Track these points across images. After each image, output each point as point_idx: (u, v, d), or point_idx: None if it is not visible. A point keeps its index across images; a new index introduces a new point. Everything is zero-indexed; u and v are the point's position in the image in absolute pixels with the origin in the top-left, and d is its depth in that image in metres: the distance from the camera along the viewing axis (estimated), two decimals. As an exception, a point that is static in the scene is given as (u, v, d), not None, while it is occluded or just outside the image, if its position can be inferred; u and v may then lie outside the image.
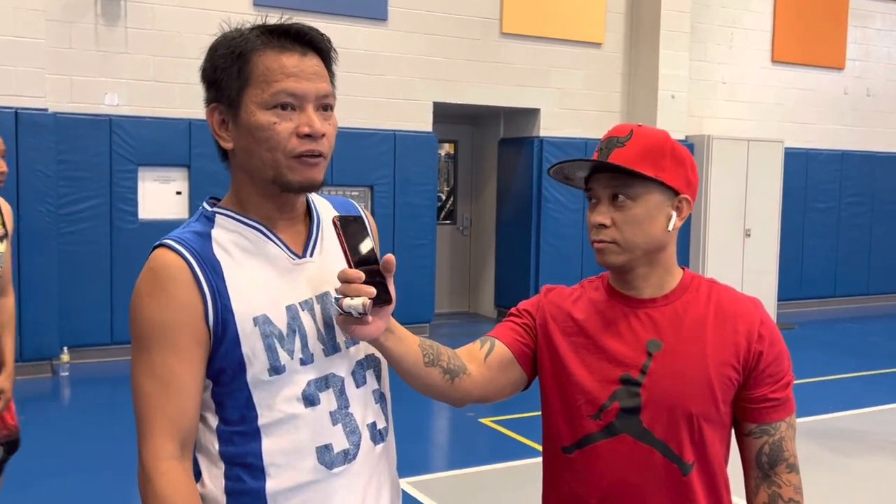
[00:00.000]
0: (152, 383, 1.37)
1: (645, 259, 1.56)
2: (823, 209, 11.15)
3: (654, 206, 1.53)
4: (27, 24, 6.77)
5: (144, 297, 1.38)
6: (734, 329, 1.55)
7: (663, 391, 1.52)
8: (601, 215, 1.54)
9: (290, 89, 1.38)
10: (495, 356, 1.63)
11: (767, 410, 1.56)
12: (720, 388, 1.52)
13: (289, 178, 1.40)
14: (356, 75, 8.25)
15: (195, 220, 1.48)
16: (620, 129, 1.57)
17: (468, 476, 4.95)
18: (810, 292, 11.19)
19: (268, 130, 1.38)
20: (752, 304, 1.59)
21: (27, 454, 5.22)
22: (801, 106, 11.03)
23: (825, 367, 7.88)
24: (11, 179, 6.69)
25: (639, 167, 1.51)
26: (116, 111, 7.27)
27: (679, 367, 1.52)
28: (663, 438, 1.52)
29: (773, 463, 1.57)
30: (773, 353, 1.55)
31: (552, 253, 9.36)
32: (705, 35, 10.25)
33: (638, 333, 1.56)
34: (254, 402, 1.40)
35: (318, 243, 1.51)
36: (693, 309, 1.57)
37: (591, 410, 1.56)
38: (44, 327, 6.82)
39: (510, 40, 9.12)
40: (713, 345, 1.54)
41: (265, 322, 1.39)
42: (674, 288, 1.59)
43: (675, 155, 1.55)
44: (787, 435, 1.57)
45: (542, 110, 9.37)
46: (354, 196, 8.44)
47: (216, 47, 1.43)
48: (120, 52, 7.29)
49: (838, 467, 5.15)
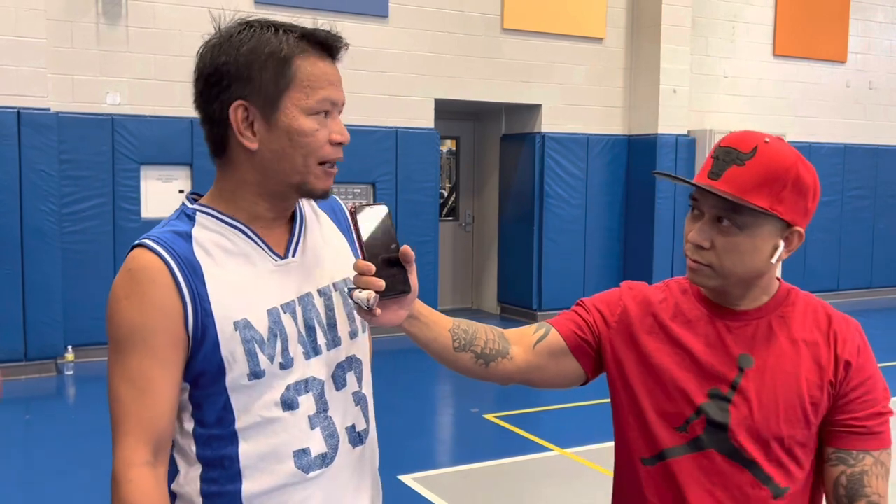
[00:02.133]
0: (128, 388, 1.34)
1: (739, 283, 1.46)
2: (826, 202, 11.13)
3: (762, 237, 1.41)
4: (29, 24, 6.77)
5: (122, 299, 1.35)
6: (829, 348, 1.46)
7: (754, 409, 1.43)
8: (701, 235, 1.42)
9: (332, 97, 1.40)
10: (546, 344, 1.57)
11: (849, 437, 1.44)
12: (812, 410, 1.43)
13: (315, 185, 1.41)
14: (358, 72, 8.25)
15: (175, 217, 1.44)
16: (745, 141, 1.41)
17: (473, 472, 4.96)
18: (813, 286, 11.17)
19: (310, 136, 1.38)
20: (850, 325, 1.50)
21: (33, 452, 5.24)
22: (804, 99, 11.01)
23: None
24: (14, 179, 6.70)
25: (754, 197, 1.38)
26: (118, 110, 7.28)
27: (772, 385, 1.44)
28: (753, 458, 1.43)
29: (853, 497, 1.42)
30: (862, 376, 1.45)
31: (555, 248, 9.37)
32: (706, 29, 10.24)
33: (729, 346, 1.47)
34: (232, 405, 1.38)
35: (301, 243, 1.49)
36: (788, 325, 1.47)
37: (677, 422, 1.47)
38: (48, 326, 6.83)
39: (511, 36, 9.11)
40: (807, 364, 1.45)
41: (246, 327, 1.37)
42: (768, 301, 1.49)
43: (798, 185, 1.40)
44: (872, 470, 1.42)
45: (544, 106, 9.36)
46: (356, 193, 8.45)
47: (249, 45, 1.37)
48: (121, 51, 7.30)
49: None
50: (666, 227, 9.65)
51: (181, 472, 1.42)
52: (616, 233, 9.90)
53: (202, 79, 1.39)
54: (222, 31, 1.41)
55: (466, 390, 6.61)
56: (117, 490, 1.33)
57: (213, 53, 1.39)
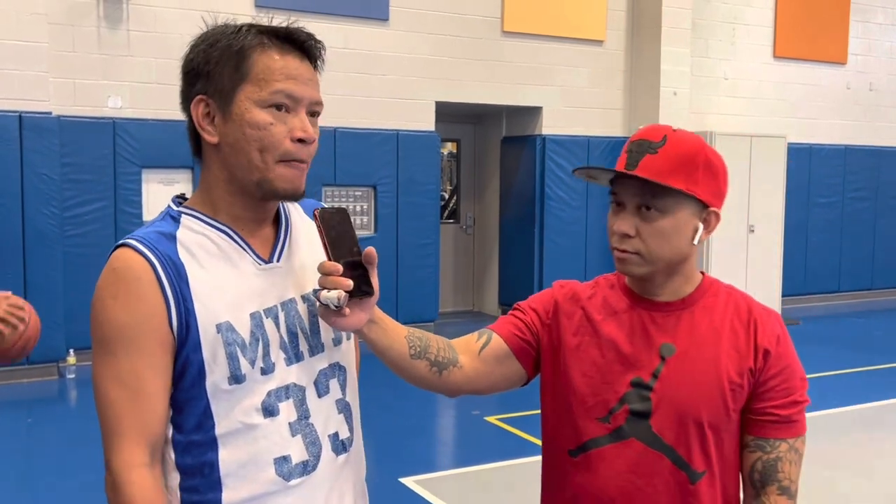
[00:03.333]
0: (119, 389, 1.32)
1: (666, 269, 1.52)
2: (827, 204, 11.14)
3: (683, 219, 1.47)
4: (30, 28, 6.79)
5: (108, 299, 1.33)
6: (748, 337, 1.51)
7: (674, 396, 1.48)
8: (626, 224, 1.48)
9: (289, 90, 1.36)
10: (490, 350, 1.60)
11: (766, 425, 1.50)
12: (731, 396, 1.48)
13: (275, 185, 1.38)
14: (358, 75, 8.26)
15: (160, 219, 1.43)
16: (654, 133, 1.49)
17: (474, 474, 4.96)
18: (814, 288, 11.18)
19: (263, 129, 1.35)
20: (770, 316, 1.55)
21: (34, 456, 5.24)
22: (804, 101, 11.02)
23: (830, 362, 7.87)
24: (16, 183, 6.71)
25: (671, 180, 1.44)
26: (119, 114, 7.29)
27: (691, 372, 1.48)
28: (672, 444, 1.48)
29: (766, 482, 1.50)
30: (782, 364, 1.50)
31: (556, 250, 9.37)
32: (707, 31, 10.25)
33: (652, 336, 1.52)
34: (211, 410, 1.36)
35: (286, 248, 1.47)
36: (710, 314, 1.53)
37: (601, 413, 1.52)
38: (50, 330, 6.84)
39: (512, 39, 9.12)
40: (727, 352, 1.50)
41: (228, 329, 1.36)
42: (691, 292, 1.55)
43: (710, 166, 1.49)
44: (786, 457, 1.49)
45: (545, 108, 9.37)
46: (358, 196, 8.45)
47: (209, 40, 1.39)
48: (122, 54, 7.31)
49: (843, 463, 5.15)
50: (667, 228, 9.65)
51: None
52: (617, 235, 9.89)
53: (181, 78, 1.42)
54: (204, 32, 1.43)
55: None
56: (119, 493, 1.32)
57: (187, 53, 1.41)
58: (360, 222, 8.51)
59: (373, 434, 6.09)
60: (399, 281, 8.57)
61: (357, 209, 8.48)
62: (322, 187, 8.20)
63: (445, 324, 9.13)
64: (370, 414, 6.99)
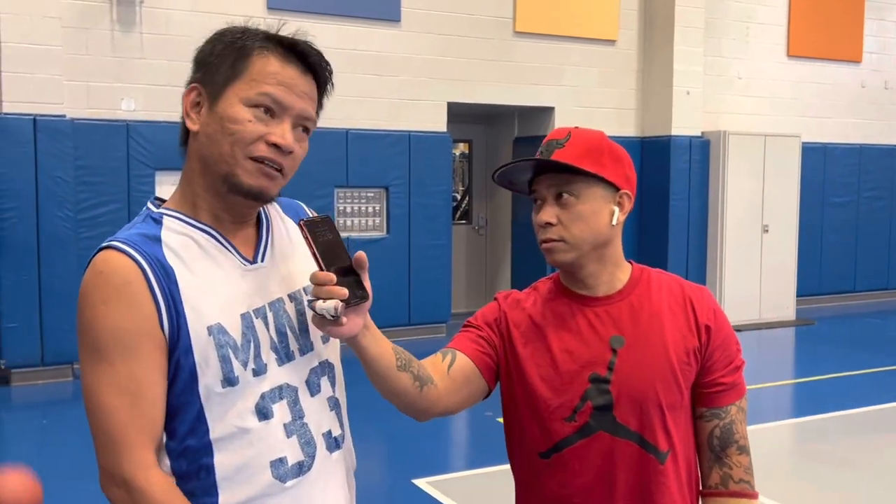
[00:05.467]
0: (119, 396, 1.30)
1: (594, 255, 1.59)
2: (842, 204, 11.06)
3: (598, 201, 1.57)
4: (44, 32, 6.82)
5: (98, 304, 1.31)
6: (687, 317, 1.61)
7: (632, 384, 1.55)
8: (547, 214, 1.58)
9: (275, 95, 1.35)
10: (458, 368, 1.62)
11: (718, 395, 1.61)
12: (682, 374, 1.58)
13: (241, 179, 1.35)
14: (370, 76, 8.27)
15: (140, 221, 1.41)
16: (558, 133, 1.62)
17: (487, 475, 4.95)
18: (829, 288, 11.11)
19: (239, 124, 1.34)
20: (702, 293, 1.65)
21: (48, 457, 5.27)
22: (818, 100, 10.95)
23: (845, 362, 7.82)
24: (31, 185, 6.75)
25: (580, 165, 1.55)
26: (133, 116, 7.32)
27: (643, 359, 1.57)
28: (638, 430, 1.56)
29: (725, 445, 1.61)
30: (720, 337, 1.61)
31: (568, 251, 9.34)
32: (720, 30, 10.20)
33: (599, 331, 1.59)
34: (205, 415, 1.34)
35: (269, 247, 1.46)
36: (647, 301, 1.61)
37: (566, 413, 1.57)
38: (64, 332, 6.87)
39: (524, 39, 9.11)
40: (671, 333, 1.59)
41: (220, 331, 1.34)
42: (626, 282, 1.63)
43: (613, 153, 1.60)
44: (737, 418, 1.62)
45: (557, 108, 9.35)
46: (370, 197, 8.46)
47: (221, 35, 1.42)
48: (136, 57, 7.34)
49: (858, 464, 5.11)
50: (680, 229, 9.62)
51: None
52: (629, 234, 9.87)
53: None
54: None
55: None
56: (140, 497, 1.30)
57: (199, 46, 1.44)
58: (372, 224, 8.52)
59: (386, 436, 6.12)
60: (411, 282, 8.57)
61: (369, 210, 8.49)
62: (334, 189, 8.21)
63: (458, 325, 9.09)
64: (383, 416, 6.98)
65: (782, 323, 9.88)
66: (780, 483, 4.80)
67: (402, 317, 8.44)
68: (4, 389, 6.72)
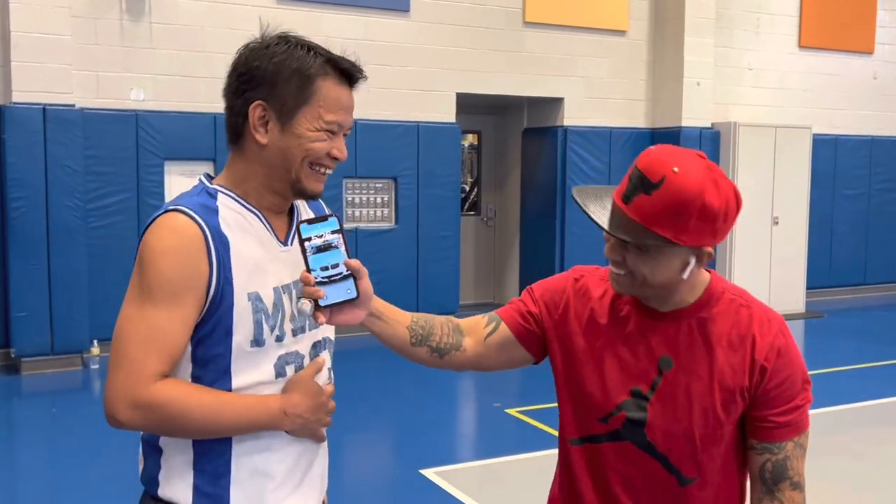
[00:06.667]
0: (149, 330, 1.47)
1: (659, 292, 1.55)
2: (853, 196, 11.00)
3: (668, 258, 1.48)
4: (54, 21, 6.83)
5: (158, 253, 1.49)
6: (744, 353, 1.53)
7: (669, 410, 1.54)
8: (614, 252, 1.52)
9: (341, 121, 1.59)
10: (496, 337, 1.71)
11: (770, 431, 1.54)
12: (724, 410, 1.53)
13: (305, 185, 1.59)
14: (379, 67, 8.25)
15: (197, 193, 1.58)
16: (655, 168, 1.44)
17: (495, 466, 4.95)
18: (839, 280, 11.05)
19: (314, 144, 1.56)
20: (770, 327, 1.56)
21: (58, 445, 5.29)
22: (830, 91, 10.88)
23: (855, 355, 7.79)
24: (40, 175, 6.77)
25: (656, 226, 1.44)
26: (142, 106, 7.33)
27: (686, 387, 1.54)
28: (664, 453, 1.56)
29: (777, 480, 1.56)
30: (781, 376, 1.53)
31: (577, 242, 9.32)
32: (731, 21, 10.13)
33: (652, 348, 1.57)
34: (231, 368, 1.53)
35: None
36: (711, 326, 1.55)
37: (601, 414, 1.60)
38: (74, 321, 6.90)
39: (533, 29, 9.07)
40: (722, 367, 1.53)
41: (257, 299, 1.54)
42: (696, 300, 1.57)
43: (705, 213, 1.44)
44: (793, 454, 1.55)
45: (567, 99, 9.31)
46: (378, 188, 8.45)
47: (280, 56, 1.55)
48: (145, 47, 7.34)
49: (869, 457, 5.10)
50: (689, 220, 9.56)
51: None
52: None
53: (235, 74, 1.58)
54: (263, 38, 1.59)
55: (489, 385, 6.60)
56: (151, 402, 1.45)
57: (249, 56, 1.57)
58: (381, 214, 8.51)
59: (394, 426, 6.13)
60: (419, 273, 8.56)
61: (378, 201, 8.49)
62: (343, 179, 8.21)
63: (466, 316, 9.11)
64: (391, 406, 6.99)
65: (792, 315, 9.85)
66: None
67: (410, 307, 8.32)
68: (14, 378, 6.75)
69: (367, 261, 8.02)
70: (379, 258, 8.28)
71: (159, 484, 1.56)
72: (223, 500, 1.54)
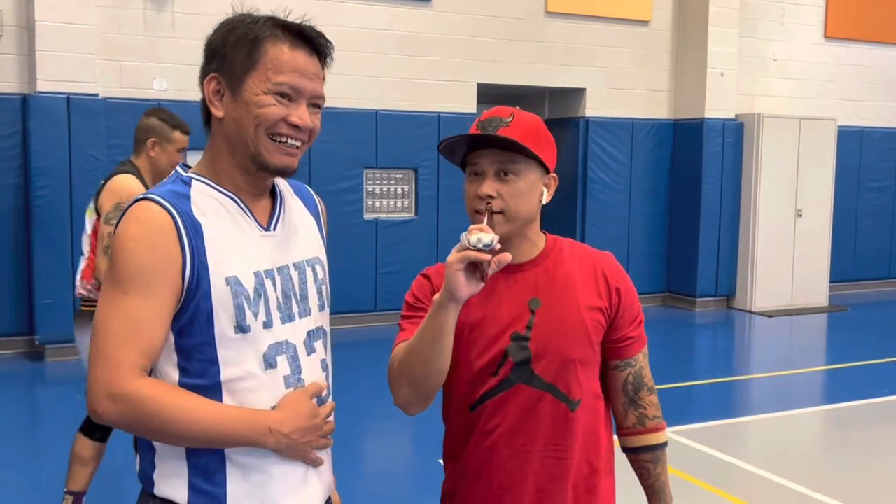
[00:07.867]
0: (124, 322, 1.43)
1: (522, 229, 1.74)
2: (878, 188, 10.88)
3: (533, 181, 1.71)
4: (77, 11, 6.87)
5: (129, 242, 1.45)
6: (597, 280, 1.78)
7: (548, 341, 1.71)
8: (489, 187, 1.69)
9: (292, 83, 1.51)
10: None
11: (627, 348, 1.80)
12: (593, 332, 1.74)
13: (267, 159, 1.52)
14: (400, 57, 8.24)
15: (171, 182, 1.56)
16: (501, 111, 1.73)
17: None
18: (864, 273, 10.94)
19: (263, 108, 1.50)
20: (610, 258, 1.84)
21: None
22: (855, 83, 10.74)
23: (878, 350, 7.71)
24: (64, 164, 6.83)
25: (527, 142, 1.68)
26: (164, 96, 7.36)
27: (558, 319, 1.72)
28: (552, 382, 1.71)
29: (637, 389, 1.81)
30: (631, 296, 1.80)
31: (598, 234, 9.28)
32: (755, 11, 10.02)
33: (519, 295, 1.74)
34: (218, 357, 1.48)
35: (281, 219, 1.63)
36: (561, 266, 1.77)
37: (491, 368, 1.72)
38: (97, 309, 6.96)
39: (555, 19, 9.02)
40: (583, 296, 1.75)
41: (236, 283, 1.49)
42: (541, 251, 1.79)
43: (548, 137, 1.76)
44: (643, 364, 1.83)
45: (588, 90, 9.26)
46: (398, 179, 8.46)
47: (230, 26, 1.54)
48: (168, 36, 7.37)
49: (892, 452, 5.05)
50: (712, 212, 9.51)
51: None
52: (661, 218, 9.79)
53: (203, 57, 1.58)
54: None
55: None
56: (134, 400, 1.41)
57: (210, 35, 1.57)
58: (401, 205, 8.51)
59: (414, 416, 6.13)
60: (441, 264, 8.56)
61: (398, 192, 8.48)
62: (363, 170, 8.21)
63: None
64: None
65: (815, 309, 9.76)
66: (811, 470, 4.76)
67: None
68: (39, 365, 6.83)
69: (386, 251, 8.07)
70: (398, 249, 8.28)
71: (155, 482, 1.52)
72: (220, 497, 1.50)
